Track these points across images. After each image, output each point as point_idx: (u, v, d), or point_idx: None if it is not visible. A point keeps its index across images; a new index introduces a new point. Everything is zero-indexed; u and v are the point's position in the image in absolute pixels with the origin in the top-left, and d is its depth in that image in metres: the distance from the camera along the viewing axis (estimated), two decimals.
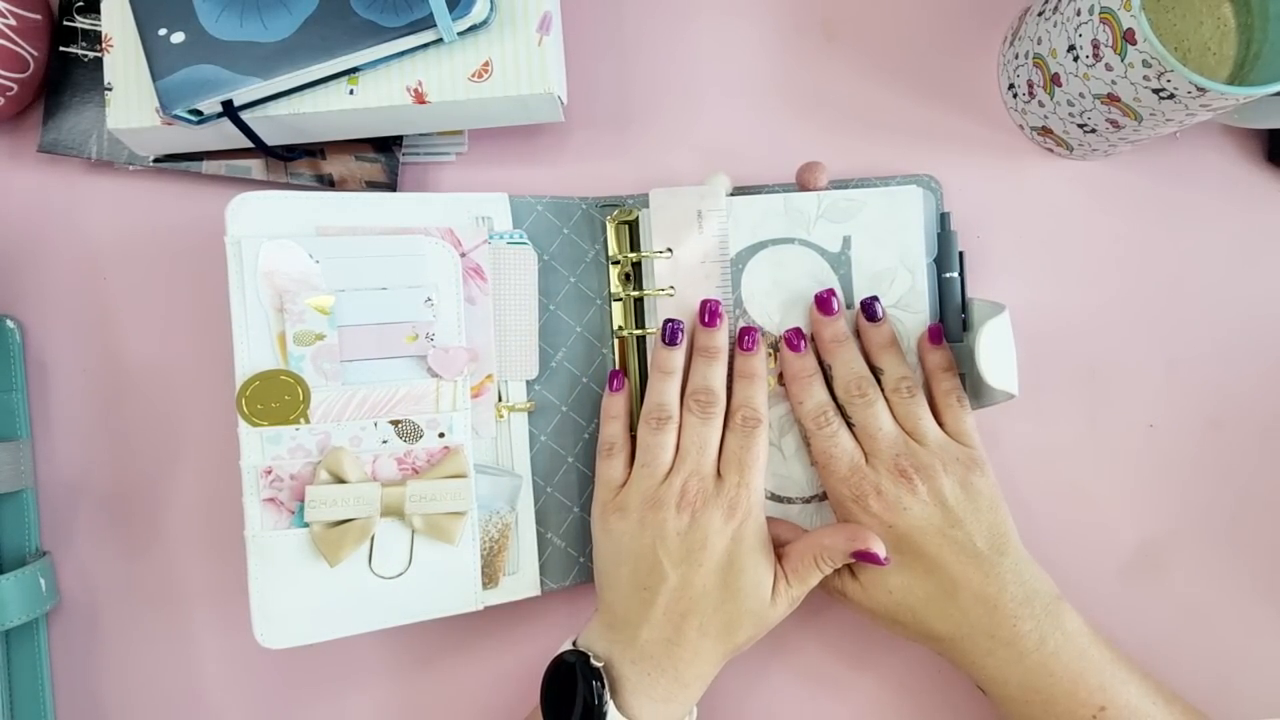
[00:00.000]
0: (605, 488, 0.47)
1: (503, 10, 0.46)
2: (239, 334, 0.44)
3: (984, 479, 0.46)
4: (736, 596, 0.44)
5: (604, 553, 0.46)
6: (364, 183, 0.51)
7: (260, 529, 0.44)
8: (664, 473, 0.46)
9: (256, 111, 0.46)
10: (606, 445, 0.48)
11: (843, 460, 0.46)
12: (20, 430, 0.50)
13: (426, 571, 0.45)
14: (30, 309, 0.51)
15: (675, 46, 0.54)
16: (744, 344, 0.48)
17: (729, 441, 0.47)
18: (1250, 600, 0.52)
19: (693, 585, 0.43)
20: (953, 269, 0.49)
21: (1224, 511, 0.52)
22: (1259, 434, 0.53)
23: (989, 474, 0.46)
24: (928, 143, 0.53)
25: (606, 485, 0.47)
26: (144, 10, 0.45)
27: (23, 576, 0.47)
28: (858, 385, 0.47)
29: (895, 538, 0.45)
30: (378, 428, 0.45)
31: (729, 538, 0.44)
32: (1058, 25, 0.47)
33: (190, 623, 0.51)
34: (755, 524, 0.45)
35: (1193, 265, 0.53)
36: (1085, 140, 0.51)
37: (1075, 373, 0.53)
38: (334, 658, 0.50)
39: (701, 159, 0.53)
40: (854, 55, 0.54)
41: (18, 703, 0.49)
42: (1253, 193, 0.53)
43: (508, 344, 0.48)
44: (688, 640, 0.43)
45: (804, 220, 0.49)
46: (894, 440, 0.46)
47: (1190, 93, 0.42)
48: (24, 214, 0.52)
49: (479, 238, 0.47)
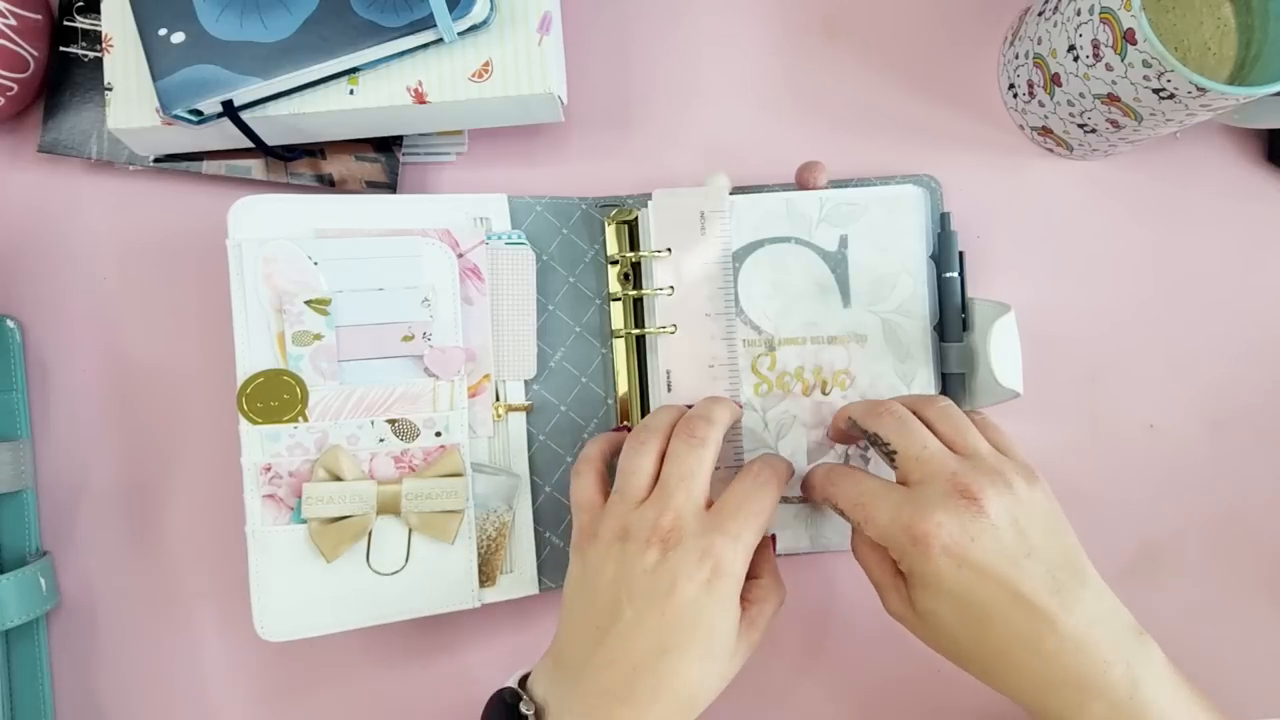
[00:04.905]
0: (579, 509, 0.42)
1: (503, 10, 0.46)
2: (240, 334, 0.45)
3: (1047, 493, 0.40)
4: (699, 652, 0.37)
5: (570, 580, 0.41)
6: (364, 183, 0.51)
7: (260, 525, 0.45)
8: (638, 499, 0.40)
9: (256, 111, 0.46)
10: (578, 462, 0.44)
11: (880, 505, 0.39)
12: (20, 430, 0.50)
13: (424, 569, 0.45)
14: (30, 309, 0.51)
15: (675, 46, 0.54)
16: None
17: (736, 484, 0.41)
18: (1250, 600, 0.52)
19: (648, 632, 0.37)
20: (953, 269, 0.49)
21: (1224, 511, 0.52)
22: (1259, 434, 0.52)
23: (1048, 488, 0.40)
24: (928, 143, 0.53)
25: (579, 506, 0.42)
26: (144, 10, 0.45)
27: (23, 576, 0.47)
28: (878, 404, 0.42)
29: (964, 582, 0.37)
30: (375, 426, 0.45)
31: (700, 587, 0.37)
32: (1058, 25, 0.47)
33: (190, 623, 0.51)
34: (734, 581, 0.38)
35: (1193, 265, 0.53)
36: (1085, 140, 0.51)
37: (1075, 373, 0.53)
38: (333, 656, 0.50)
39: (701, 159, 0.53)
40: (854, 55, 0.54)
41: (18, 703, 0.49)
42: (1253, 193, 0.53)
43: (505, 344, 0.48)
44: (637, 701, 0.37)
45: (806, 223, 0.49)
46: (944, 458, 0.39)
47: (1190, 93, 0.42)
48: (24, 214, 0.52)
49: (476, 238, 0.47)
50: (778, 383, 0.49)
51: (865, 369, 0.49)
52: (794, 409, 0.49)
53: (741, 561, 0.38)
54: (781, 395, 0.49)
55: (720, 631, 0.38)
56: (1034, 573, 0.37)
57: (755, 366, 0.49)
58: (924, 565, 0.37)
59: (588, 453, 0.44)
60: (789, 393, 0.49)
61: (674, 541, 0.38)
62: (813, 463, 0.49)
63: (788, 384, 0.49)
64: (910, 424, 0.41)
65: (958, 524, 0.37)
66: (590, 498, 0.42)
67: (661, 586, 0.37)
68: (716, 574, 0.37)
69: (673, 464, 0.40)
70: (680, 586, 0.37)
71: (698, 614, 0.37)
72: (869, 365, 0.49)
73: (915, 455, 0.40)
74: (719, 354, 0.49)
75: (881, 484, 0.40)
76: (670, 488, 0.39)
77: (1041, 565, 0.37)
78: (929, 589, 0.38)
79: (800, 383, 0.49)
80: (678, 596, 0.37)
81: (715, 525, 0.39)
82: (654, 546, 0.38)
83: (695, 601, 0.37)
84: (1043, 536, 0.38)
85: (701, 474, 0.40)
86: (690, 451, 0.40)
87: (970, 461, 0.39)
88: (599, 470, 0.43)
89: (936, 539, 0.37)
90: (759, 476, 0.41)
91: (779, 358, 0.49)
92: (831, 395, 0.49)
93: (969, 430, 0.41)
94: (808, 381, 0.49)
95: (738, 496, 0.40)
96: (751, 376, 0.49)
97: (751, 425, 0.49)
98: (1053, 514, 0.39)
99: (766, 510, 0.40)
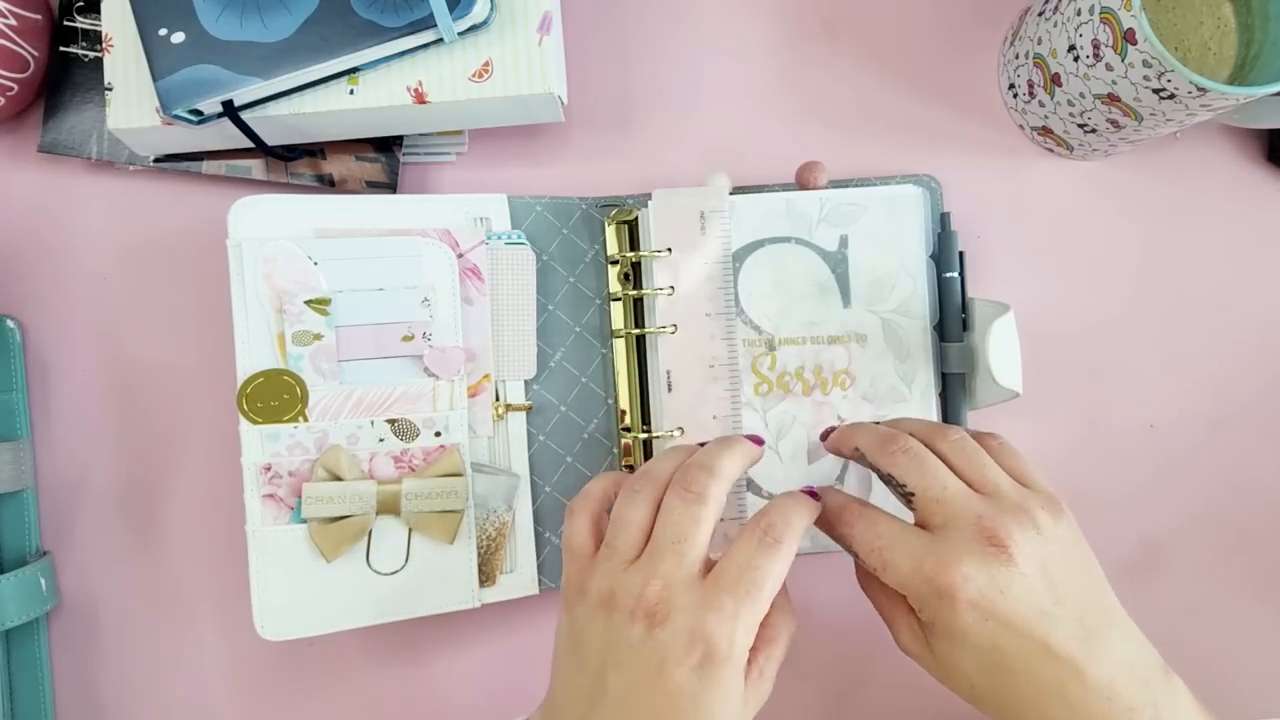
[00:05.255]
0: (570, 556, 0.38)
1: (503, 10, 0.46)
2: (240, 334, 0.45)
3: (1072, 525, 0.37)
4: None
5: (559, 636, 0.38)
6: (364, 183, 0.51)
7: (260, 524, 0.45)
8: (628, 558, 0.36)
9: (257, 111, 0.46)
10: (576, 499, 0.40)
11: (901, 552, 0.36)
12: (20, 430, 0.50)
13: (424, 568, 0.46)
14: (30, 309, 0.51)
15: (675, 46, 0.54)
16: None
17: (738, 546, 0.36)
18: (1250, 600, 0.52)
19: (638, 713, 0.34)
20: (953, 269, 0.49)
21: (1224, 511, 0.52)
22: (1259, 434, 0.52)
23: (1072, 517, 0.38)
24: (928, 143, 0.53)
25: (570, 552, 0.38)
26: (144, 10, 0.45)
27: (23, 576, 0.47)
28: (891, 440, 0.39)
29: (989, 634, 0.35)
30: (374, 426, 0.45)
31: (691, 672, 0.33)
32: (1058, 25, 0.47)
33: (190, 622, 0.51)
34: (731, 665, 0.34)
35: (1193, 265, 0.53)
36: (1085, 140, 0.51)
37: (1076, 373, 0.53)
38: (333, 656, 0.50)
39: (701, 159, 0.53)
40: (854, 55, 0.54)
41: (18, 703, 0.49)
42: (1253, 193, 0.53)
43: (505, 344, 0.48)
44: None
45: (806, 223, 0.49)
46: (967, 500, 0.36)
47: (1190, 93, 0.42)
48: (24, 214, 0.52)
49: (476, 238, 0.47)
50: (778, 383, 0.49)
51: (865, 369, 0.49)
52: (794, 409, 0.49)
53: (742, 639, 0.34)
54: (781, 395, 0.49)
55: (720, 716, 0.34)
56: (1063, 620, 0.35)
57: (755, 366, 0.49)
58: (949, 619, 0.35)
59: (588, 490, 0.40)
60: (789, 393, 0.49)
61: (661, 617, 0.34)
62: (813, 462, 0.49)
63: (788, 384, 0.49)
64: (927, 462, 0.38)
65: (986, 576, 0.35)
66: (581, 544, 0.38)
67: (650, 666, 0.34)
68: (710, 659, 0.33)
69: (665, 522, 0.36)
70: (669, 670, 0.33)
71: (693, 702, 0.33)
72: (869, 365, 0.49)
73: (936, 498, 0.37)
74: (719, 354, 0.49)
75: (900, 528, 0.37)
76: (659, 551, 0.35)
77: (1070, 611, 0.35)
78: (952, 640, 0.36)
79: (800, 383, 0.49)
80: (668, 681, 0.33)
81: (709, 600, 0.34)
82: (639, 621, 0.34)
83: (689, 687, 0.33)
84: (1071, 579, 0.36)
85: (698, 536, 0.36)
86: (685, 509, 0.36)
87: (994, 501, 0.36)
88: (595, 513, 0.39)
89: (964, 593, 0.35)
90: (767, 537, 0.36)
91: (779, 358, 0.49)
92: (832, 395, 0.49)
93: (987, 465, 0.38)
94: (808, 381, 0.49)
95: (739, 563, 0.35)
96: (751, 376, 0.49)
97: (752, 425, 0.49)
98: (1078, 549, 0.37)
99: (773, 579, 0.35)
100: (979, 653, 0.35)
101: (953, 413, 0.49)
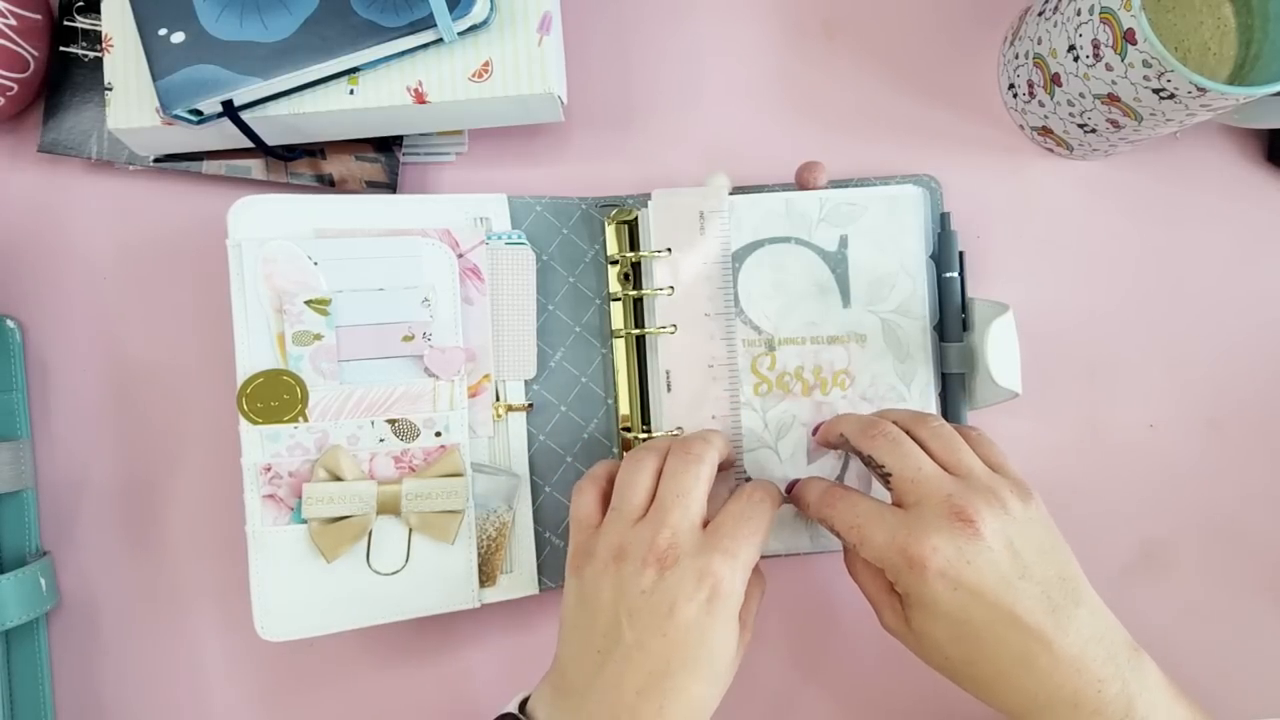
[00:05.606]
0: (577, 527, 0.41)
1: (503, 10, 0.46)
2: (240, 334, 0.45)
3: (1041, 511, 0.40)
4: (704, 673, 0.37)
5: (567, 601, 0.40)
6: (364, 183, 0.51)
7: (260, 525, 0.45)
8: (635, 517, 0.40)
9: (256, 111, 0.46)
10: (582, 479, 0.43)
11: (876, 527, 0.39)
12: (20, 430, 0.50)
13: (424, 569, 0.45)
14: (30, 309, 0.51)
15: (675, 46, 0.54)
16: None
17: (731, 504, 0.40)
18: (1250, 600, 0.52)
19: (651, 654, 0.37)
20: (953, 269, 0.49)
21: (1224, 511, 0.52)
22: (1259, 434, 0.52)
23: (1042, 504, 0.40)
24: (928, 143, 0.53)
25: (577, 523, 0.41)
26: (144, 10, 0.45)
27: (23, 576, 0.47)
28: (872, 425, 0.42)
29: (959, 604, 0.37)
30: (375, 426, 0.45)
31: (699, 608, 0.37)
32: (1058, 25, 0.47)
33: (191, 622, 0.51)
34: (734, 600, 0.38)
35: (1193, 265, 0.53)
36: (1085, 140, 0.51)
37: (1075, 373, 0.53)
38: (333, 656, 0.50)
39: (701, 159, 0.53)
40: (854, 55, 0.54)
41: (18, 703, 0.49)
42: (1253, 193, 0.53)
43: (505, 344, 0.48)
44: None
45: (806, 223, 0.49)
46: (939, 480, 0.39)
47: (1190, 93, 0.42)
48: (24, 214, 0.52)
49: (476, 238, 0.47)
50: (778, 383, 0.49)
51: (865, 369, 0.49)
52: (794, 409, 0.49)
53: (740, 580, 0.38)
54: (781, 395, 0.49)
55: (723, 651, 0.38)
56: (1029, 593, 0.37)
57: (755, 366, 0.49)
58: (920, 588, 0.38)
59: (593, 471, 0.43)
60: (789, 393, 0.49)
61: (670, 561, 0.38)
62: (813, 462, 0.49)
63: (788, 384, 0.49)
64: (904, 445, 0.41)
65: (953, 547, 0.37)
66: (589, 514, 0.41)
67: (661, 607, 0.37)
68: (716, 594, 0.37)
69: (669, 481, 0.40)
70: (680, 608, 0.37)
71: (700, 635, 0.37)
72: (869, 365, 0.49)
73: (910, 478, 0.39)
74: (719, 354, 0.49)
75: (877, 506, 0.40)
76: (666, 505, 0.39)
77: (1036, 585, 0.37)
78: (925, 610, 0.38)
79: (800, 383, 0.49)
80: (678, 618, 0.37)
81: (712, 544, 0.38)
82: (650, 567, 0.38)
83: (697, 623, 0.37)
84: (1037, 556, 0.38)
85: (698, 491, 0.40)
86: (686, 469, 0.40)
87: (965, 482, 0.39)
88: (602, 489, 0.42)
89: (932, 563, 0.37)
90: (753, 495, 0.41)
91: (779, 358, 0.49)
92: (831, 395, 0.49)
93: (962, 449, 0.41)
94: (808, 381, 0.49)
95: (734, 515, 0.40)
96: (751, 376, 0.49)
97: (751, 425, 0.49)
98: (1047, 531, 0.39)
99: (763, 528, 0.40)
100: (950, 623, 0.38)
101: (952, 413, 0.49)
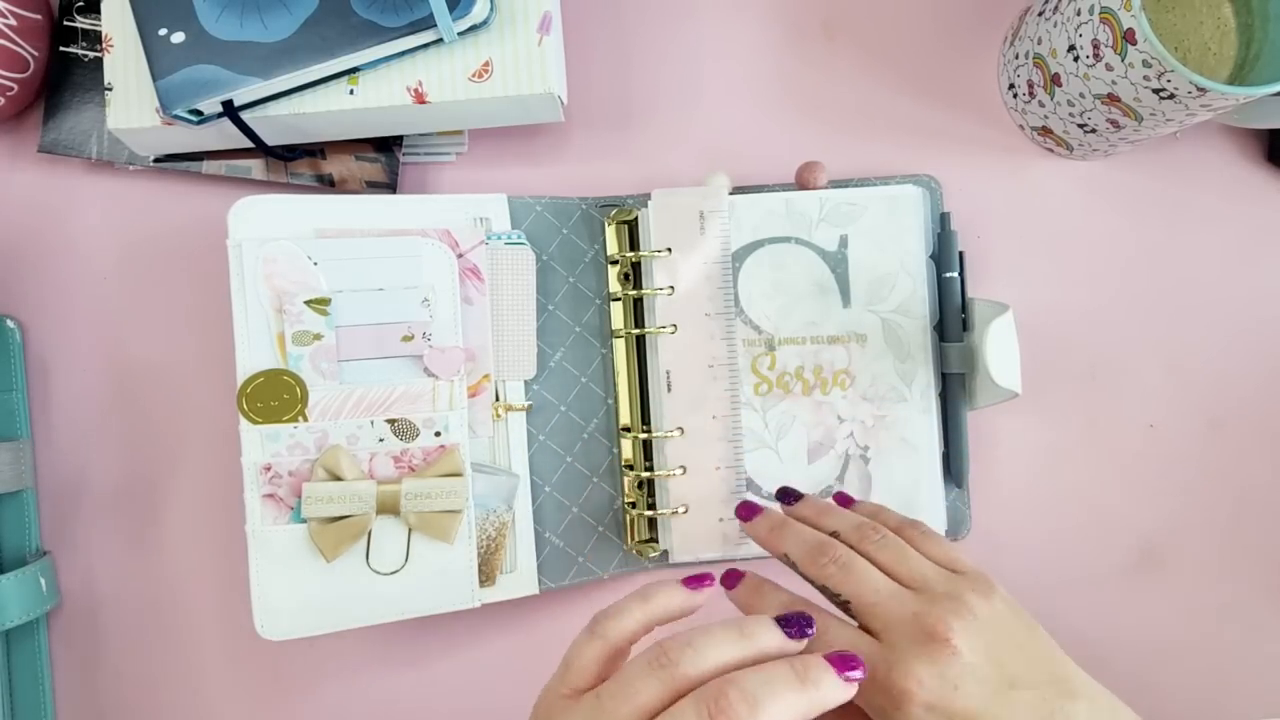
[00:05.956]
0: (567, 669, 0.34)
1: (503, 10, 0.46)
2: (240, 334, 0.45)
3: (1005, 601, 0.37)
4: None
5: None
6: (364, 183, 0.51)
7: (260, 524, 0.45)
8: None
9: (256, 111, 0.46)
10: (599, 625, 0.35)
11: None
12: (20, 430, 0.50)
13: (423, 568, 0.45)
14: (30, 309, 0.51)
15: (675, 46, 0.54)
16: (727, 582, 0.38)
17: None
18: (1250, 600, 0.52)
19: None
20: (953, 269, 0.49)
21: (1224, 511, 0.52)
22: (1259, 434, 0.52)
23: (1003, 592, 0.37)
24: (928, 143, 0.53)
25: (567, 667, 0.34)
26: (144, 10, 0.45)
27: (23, 576, 0.47)
28: (819, 552, 0.38)
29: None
30: (374, 426, 0.45)
31: None
32: (1058, 25, 0.47)
33: (190, 622, 0.51)
34: None
35: (1193, 265, 0.53)
36: (1085, 140, 0.51)
37: (1075, 373, 0.53)
38: (333, 656, 0.50)
39: (701, 159, 0.53)
40: (854, 55, 0.54)
41: (18, 703, 0.49)
42: (1253, 193, 0.53)
43: (505, 344, 0.48)
44: None
45: (806, 223, 0.49)
46: (899, 599, 0.36)
47: (1190, 93, 0.42)
48: (24, 214, 0.52)
49: (476, 238, 0.47)
50: (778, 383, 0.49)
51: (865, 369, 0.49)
52: (794, 409, 0.49)
53: None
54: (781, 395, 0.49)
55: None
56: (1024, 701, 0.34)
57: (755, 366, 0.49)
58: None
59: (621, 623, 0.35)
60: (789, 393, 0.49)
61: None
62: (813, 462, 0.49)
63: (787, 384, 0.49)
64: (855, 569, 0.37)
65: (936, 676, 0.34)
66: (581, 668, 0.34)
67: None
68: None
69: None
70: None
71: None
72: (869, 365, 0.49)
73: (870, 602, 0.36)
74: (719, 354, 0.49)
75: (851, 638, 0.36)
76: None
77: (1030, 692, 0.34)
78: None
79: (800, 383, 0.49)
80: None
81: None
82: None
83: None
84: (1020, 656, 0.35)
85: None
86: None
87: (925, 595, 0.36)
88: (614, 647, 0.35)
89: (919, 698, 0.34)
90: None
91: (779, 358, 0.49)
92: (831, 395, 0.49)
93: (909, 556, 0.38)
94: (808, 381, 0.49)
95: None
96: (751, 376, 0.49)
97: (751, 425, 0.49)
98: (1018, 621, 0.36)
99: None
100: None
101: (952, 413, 0.49)
